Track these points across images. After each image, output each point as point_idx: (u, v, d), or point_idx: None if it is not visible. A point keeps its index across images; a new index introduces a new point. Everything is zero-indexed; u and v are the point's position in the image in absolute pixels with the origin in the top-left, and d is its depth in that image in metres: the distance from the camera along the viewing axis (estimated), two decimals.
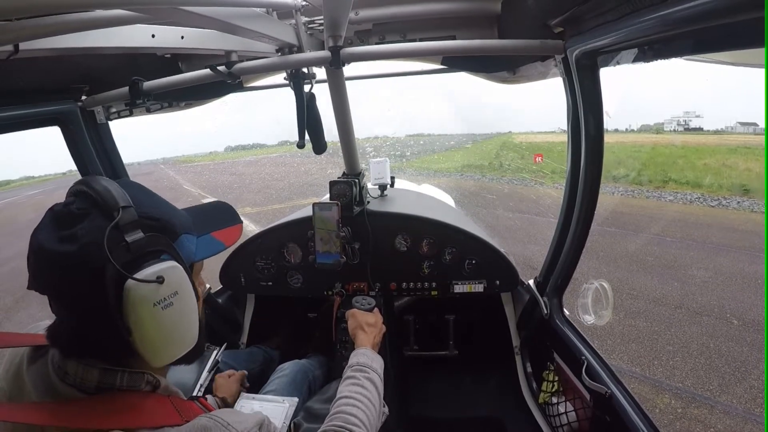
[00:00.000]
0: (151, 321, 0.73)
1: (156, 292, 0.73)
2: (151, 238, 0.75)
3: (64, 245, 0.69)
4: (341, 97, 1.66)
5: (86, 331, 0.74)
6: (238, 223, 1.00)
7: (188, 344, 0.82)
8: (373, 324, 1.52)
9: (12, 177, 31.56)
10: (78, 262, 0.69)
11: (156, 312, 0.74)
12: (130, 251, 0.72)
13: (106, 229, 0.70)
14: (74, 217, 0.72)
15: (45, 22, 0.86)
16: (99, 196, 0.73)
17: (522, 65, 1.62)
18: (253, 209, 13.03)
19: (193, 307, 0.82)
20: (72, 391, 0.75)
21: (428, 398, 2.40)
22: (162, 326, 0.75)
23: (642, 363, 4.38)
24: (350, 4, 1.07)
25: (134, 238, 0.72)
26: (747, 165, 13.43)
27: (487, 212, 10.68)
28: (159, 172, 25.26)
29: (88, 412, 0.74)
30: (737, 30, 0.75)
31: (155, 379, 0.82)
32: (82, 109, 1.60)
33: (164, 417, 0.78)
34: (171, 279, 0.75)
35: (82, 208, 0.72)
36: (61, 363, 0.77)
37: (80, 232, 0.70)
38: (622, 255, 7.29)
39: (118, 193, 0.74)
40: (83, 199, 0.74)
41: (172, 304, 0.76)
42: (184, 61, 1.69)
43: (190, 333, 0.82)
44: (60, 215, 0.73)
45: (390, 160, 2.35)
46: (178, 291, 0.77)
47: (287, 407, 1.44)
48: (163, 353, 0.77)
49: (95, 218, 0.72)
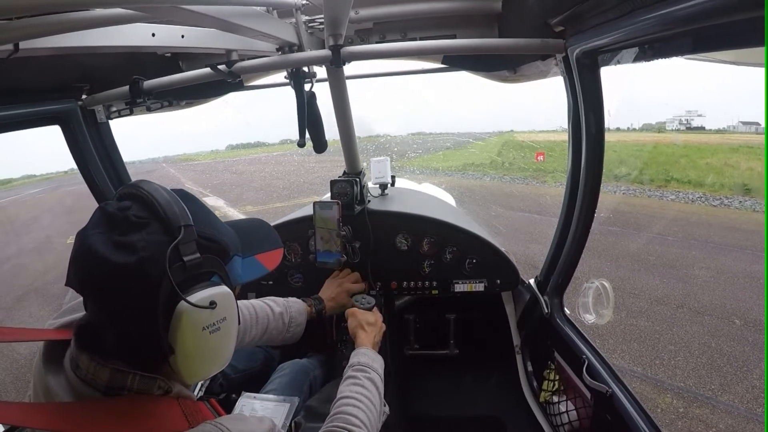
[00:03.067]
0: (197, 344, 0.73)
1: (207, 318, 0.73)
2: (207, 260, 0.75)
3: (121, 254, 0.67)
4: (342, 96, 1.66)
5: (125, 342, 0.73)
6: (280, 247, 1.00)
7: (221, 366, 0.82)
8: (373, 323, 1.52)
9: (13, 176, 31.53)
10: (133, 274, 0.67)
11: (203, 336, 0.73)
12: (186, 271, 0.71)
13: (168, 246, 0.69)
14: (131, 225, 0.70)
15: (45, 21, 0.86)
16: (161, 208, 0.72)
17: (522, 64, 1.62)
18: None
19: (236, 331, 0.81)
20: (84, 388, 0.74)
21: (429, 397, 2.41)
22: (206, 350, 0.75)
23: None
24: (351, 3, 1.07)
25: (191, 258, 0.72)
26: (749, 164, 13.38)
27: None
28: (160, 170, 25.27)
29: (94, 416, 0.72)
30: (738, 29, 0.75)
31: (167, 384, 0.80)
32: (82, 108, 1.60)
33: (172, 422, 0.77)
34: (222, 304, 0.74)
35: (141, 217, 0.71)
36: (75, 355, 0.76)
37: (139, 243, 0.68)
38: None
39: (180, 209, 0.73)
40: (141, 207, 0.73)
41: (219, 329, 0.75)
42: (185, 60, 1.69)
43: (227, 355, 0.81)
44: (115, 219, 0.70)
45: (390, 158, 2.36)
46: (227, 317, 0.77)
47: (287, 407, 1.44)
48: (199, 373, 0.78)
49: (155, 232, 0.70)
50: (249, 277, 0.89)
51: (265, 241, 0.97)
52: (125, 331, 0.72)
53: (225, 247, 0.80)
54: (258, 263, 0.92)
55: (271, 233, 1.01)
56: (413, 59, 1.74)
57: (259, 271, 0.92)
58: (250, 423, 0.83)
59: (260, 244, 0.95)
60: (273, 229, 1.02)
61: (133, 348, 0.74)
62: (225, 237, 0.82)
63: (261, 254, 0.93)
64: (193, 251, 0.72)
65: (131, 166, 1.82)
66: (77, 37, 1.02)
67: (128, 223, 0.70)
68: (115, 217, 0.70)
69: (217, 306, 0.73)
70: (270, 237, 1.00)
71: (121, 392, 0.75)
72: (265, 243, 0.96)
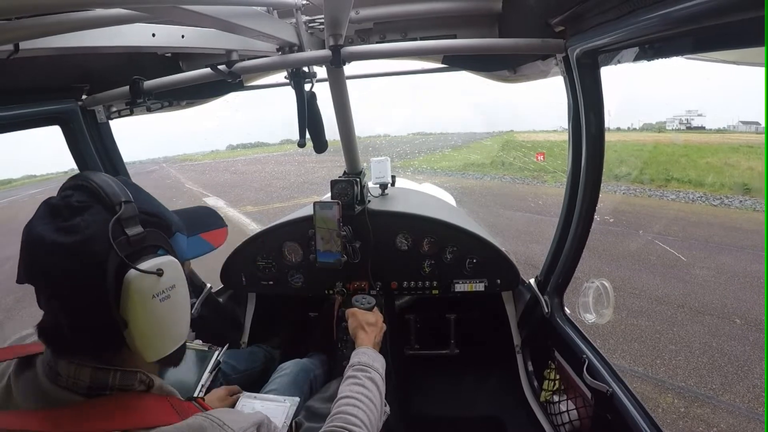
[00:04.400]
0: (149, 313, 0.74)
1: (155, 285, 0.74)
2: (150, 234, 0.77)
3: (66, 236, 0.69)
4: (342, 96, 1.66)
5: (79, 324, 0.74)
6: (224, 226, 1.03)
7: (179, 340, 0.83)
8: (373, 323, 1.52)
9: (14, 176, 31.54)
10: (79, 252, 0.69)
11: (154, 304, 0.75)
12: (131, 245, 0.73)
13: (110, 221, 0.71)
14: (74, 210, 0.72)
15: (45, 22, 0.86)
16: (101, 189, 0.74)
17: (523, 64, 1.62)
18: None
19: (187, 302, 0.84)
20: (65, 394, 0.75)
21: (429, 397, 2.41)
22: (158, 319, 0.76)
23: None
24: (351, 3, 1.07)
25: (134, 233, 0.74)
26: (749, 164, 13.38)
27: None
28: (161, 170, 25.29)
29: (80, 415, 0.73)
30: (738, 29, 0.75)
31: (148, 378, 0.81)
32: (82, 109, 1.60)
33: (162, 417, 0.77)
34: (169, 272, 0.76)
35: (82, 201, 0.73)
36: (52, 364, 0.76)
37: (82, 223, 0.70)
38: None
39: (120, 188, 0.76)
40: (83, 193, 0.75)
41: (169, 296, 0.77)
42: (185, 60, 1.69)
43: (182, 329, 0.83)
44: (58, 207, 0.72)
45: (390, 158, 2.36)
46: (176, 285, 0.79)
47: (288, 407, 1.44)
48: (156, 347, 0.78)
49: (97, 211, 0.72)
50: (195, 252, 0.92)
51: (208, 222, 1.00)
52: (79, 314, 0.73)
53: (167, 221, 0.83)
54: (204, 241, 0.95)
55: (214, 215, 1.05)
56: (413, 59, 1.74)
57: (205, 247, 0.95)
58: (241, 415, 0.85)
59: (204, 224, 0.98)
60: (216, 212, 1.06)
61: (90, 331, 0.75)
62: (166, 213, 0.85)
63: (206, 233, 0.97)
64: (136, 225, 0.74)
65: (131, 166, 1.83)
66: (77, 37, 1.02)
67: (70, 208, 0.72)
68: (57, 206, 0.73)
69: (164, 273, 0.75)
70: (214, 218, 1.03)
71: (104, 392, 0.76)
72: (209, 224, 1.00)
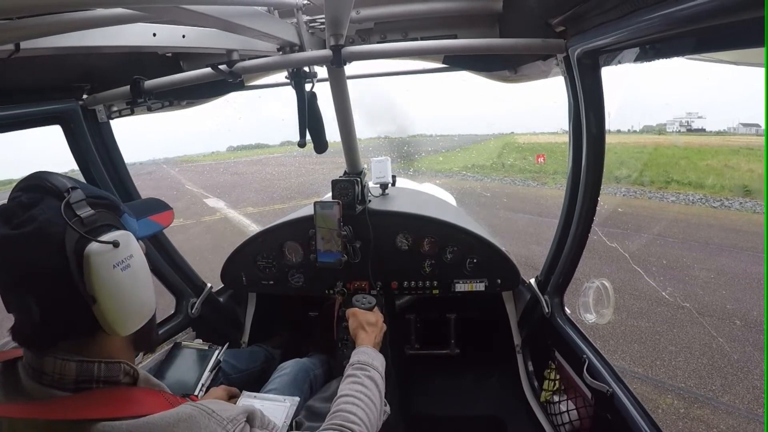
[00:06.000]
0: (113, 284, 0.78)
1: (114, 255, 0.78)
2: (100, 214, 0.81)
3: (21, 228, 0.72)
4: (342, 96, 1.66)
5: (51, 311, 0.76)
6: (170, 209, 1.10)
7: (147, 313, 0.87)
8: (373, 323, 1.52)
9: (14, 176, 31.45)
10: (39, 238, 0.73)
11: (116, 274, 0.78)
12: (84, 225, 0.76)
13: (61, 205, 0.74)
14: (25, 206, 0.75)
15: (46, 21, 0.86)
16: (47, 183, 0.78)
17: (523, 64, 1.62)
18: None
19: (148, 273, 0.88)
20: (51, 392, 0.77)
21: (429, 396, 2.40)
22: (123, 289, 0.79)
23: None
24: (352, 3, 1.07)
25: (86, 214, 0.78)
26: (749, 166, 13.37)
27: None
28: (161, 171, 25.22)
29: (70, 404, 0.76)
30: (738, 29, 0.75)
31: (132, 369, 0.85)
32: (83, 108, 1.60)
33: (153, 405, 0.81)
34: (125, 243, 0.81)
35: (31, 197, 0.76)
36: (36, 365, 0.78)
37: (35, 214, 0.74)
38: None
39: (65, 178, 0.81)
40: (30, 191, 0.78)
41: (129, 266, 0.81)
42: (186, 60, 1.69)
43: (148, 299, 0.87)
44: (10, 209, 0.76)
45: (391, 158, 2.36)
46: (134, 254, 0.82)
47: (288, 406, 1.44)
48: (125, 320, 0.81)
49: (47, 201, 0.76)
50: (147, 232, 0.98)
51: (155, 207, 1.07)
52: (49, 300, 0.75)
53: (114, 202, 0.87)
54: (154, 222, 1.02)
55: (160, 201, 1.11)
56: (414, 59, 1.74)
57: (155, 227, 1.02)
58: (231, 405, 0.89)
59: (152, 209, 1.05)
60: (161, 200, 1.12)
61: (62, 316, 0.77)
62: (112, 196, 0.89)
63: (155, 216, 1.04)
64: (86, 207, 0.79)
65: (131, 167, 1.82)
66: (78, 37, 1.02)
67: (22, 206, 0.75)
68: (10, 208, 0.76)
69: (120, 244, 0.79)
70: (160, 203, 1.10)
71: (90, 385, 0.79)
72: (156, 208, 1.07)
